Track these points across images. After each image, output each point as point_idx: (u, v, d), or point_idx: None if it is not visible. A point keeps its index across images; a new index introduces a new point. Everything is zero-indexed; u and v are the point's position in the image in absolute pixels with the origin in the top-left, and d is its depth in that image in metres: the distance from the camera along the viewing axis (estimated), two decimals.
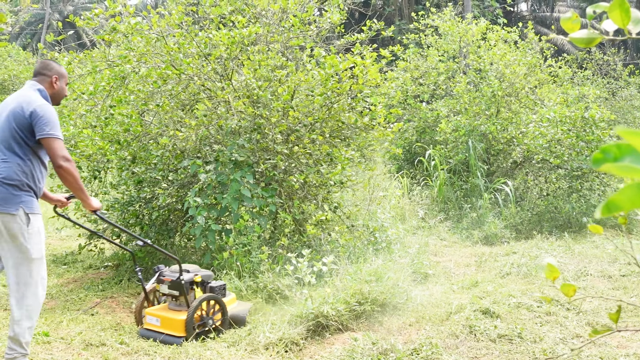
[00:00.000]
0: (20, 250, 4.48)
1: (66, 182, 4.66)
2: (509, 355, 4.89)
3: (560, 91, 14.87)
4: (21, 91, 4.80)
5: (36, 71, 4.93)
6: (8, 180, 4.47)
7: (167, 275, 5.69)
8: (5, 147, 4.55)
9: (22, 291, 4.49)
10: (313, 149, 7.64)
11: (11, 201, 4.44)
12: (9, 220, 4.44)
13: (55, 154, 4.56)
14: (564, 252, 8.72)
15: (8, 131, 4.56)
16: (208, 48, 7.51)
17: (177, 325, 5.45)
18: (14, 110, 4.59)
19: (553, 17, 33.88)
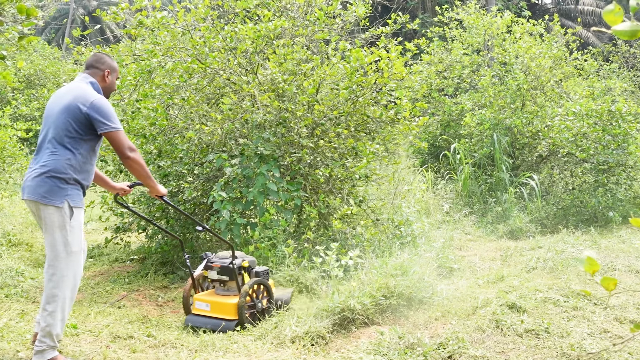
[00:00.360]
0: (60, 243, 4.55)
1: (134, 171, 4.77)
2: (536, 350, 4.86)
3: (586, 84, 14.75)
4: (73, 84, 4.84)
5: (88, 64, 4.97)
6: (55, 173, 4.53)
7: (216, 262, 5.82)
8: (56, 140, 4.60)
9: (57, 282, 4.55)
10: (338, 142, 7.63)
11: (57, 194, 4.51)
12: (53, 213, 4.51)
13: (121, 146, 4.66)
14: (590, 246, 8.65)
15: (62, 124, 4.61)
16: (234, 42, 7.52)
17: (229, 309, 5.59)
18: (68, 104, 4.63)
19: (577, 10, 33.54)
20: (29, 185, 4.57)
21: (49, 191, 4.50)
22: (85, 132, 4.64)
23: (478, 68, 15.10)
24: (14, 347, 4.91)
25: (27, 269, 7.52)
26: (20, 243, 8.56)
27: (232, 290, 5.80)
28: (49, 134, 4.66)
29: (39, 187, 4.52)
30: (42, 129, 4.77)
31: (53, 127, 4.63)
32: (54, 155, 4.57)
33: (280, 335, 5.15)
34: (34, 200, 4.54)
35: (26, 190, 4.59)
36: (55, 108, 4.70)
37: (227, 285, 5.82)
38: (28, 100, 16.27)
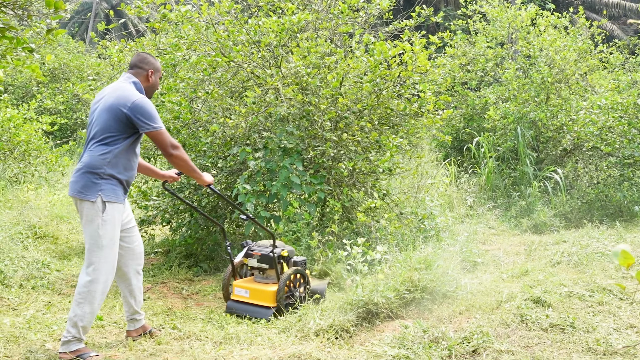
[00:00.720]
0: (93, 236, 4.66)
1: (180, 167, 4.94)
2: (562, 345, 4.83)
3: (612, 77, 14.61)
4: (117, 84, 4.95)
5: (132, 64, 5.07)
6: (90, 168, 4.66)
7: (256, 250, 6.01)
8: (95, 137, 4.73)
9: (89, 275, 4.65)
10: (361, 136, 7.62)
11: (91, 189, 4.64)
12: (87, 207, 4.64)
13: (164, 144, 4.78)
14: (615, 241, 8.57)
15: (103, 122, 4.73)
16: (257, 35, 7.52)
17: (268, 296, 5.78)
18: (111, 103, 4.74)
19: (602, 2, 33.19)
20: (70, 182, 4.75)
21: (84, 186, 4.64)
22: (125, 131, 4.75)
23: (502, 61, 15.01)
24: (41, 338, 4.97)
25: (53, 261, 7.60)
26: (45, 235, 8.64)
27: (271, 278, 5.98)
28: (91, 132, 4.79)
29: (77, 183, 4.67)
30: (87, 128, 4.92)
31: (95, 126, 4.77)
32: (91, 152, 4.71)
33: (304, 328, 5.16)
34: (73, 195, 4.70)
35: (69, 187, 4.77)
36: (98, 107, 4.83)
37: (266, 273, 6.00)
38: (53, 94, 16.38)
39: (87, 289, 4.62)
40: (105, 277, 4.70)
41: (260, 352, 4.66)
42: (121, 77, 5.04)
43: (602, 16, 22.97)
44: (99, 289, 4.66)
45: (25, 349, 4.71)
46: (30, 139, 11.30)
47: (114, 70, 8.75)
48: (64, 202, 10.86)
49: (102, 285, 4.68)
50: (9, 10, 4.82)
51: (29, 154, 11.57)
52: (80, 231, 9.61)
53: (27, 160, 11.68)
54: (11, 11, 4.84)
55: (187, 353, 4.78)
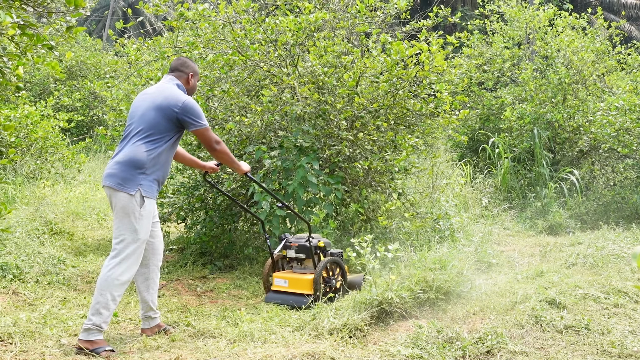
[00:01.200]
0: (129, 229, 4.78)
1: (223, 160, 5.27)
2: (576, 347, 4.82)
3: (630, 79, 14.51)
4: (162, 85, 5.17)
5: (174, 67, 5.32)
6: (133, 162, 4.82)
7: (293, 241, 6.32)
8: (140, 133, 4.90)
9: (116, 265, 4.77)
10: (377, 135, 7.62)
11: (131, 182, 4.78)
12: (125, 199, 4.77)
13: (210, 140, 5.07)
14: (631, 243, 8.52)
15: (151, 120, 4.92)
16: (274, 34, 7.54)
17: (305, 283, 6.04)
18: (159, 102, 4.95)
19: (620, 3, 33.00)
20: (107, 173, 4.87)
21: (124, 179, 4.77)
22: (172, 130, 4.97)
23: (519, 62, 14.95)
24: (57, 334, 5.00)
25: (69, 257, 7.65)
26: (61, 232, 8.69)
27: (309, 268, 6.27)
28: (135, 129, 4.95)
29: (116, 174, 4.80)
30: (128, 125, 5.07)
31: (140, 122, 4.94)
32: (134, 146, 4.86)
33: (318, 327, 5.16)
34: (109, 186, 4.82)
35: (105, 178, 4.89)
36: (143, 105, 5.02)
37: (304, 264, 6.32)
38: (70, 91, 16.47)
39: (113, 277, 4.74)
40: (132, 269, 4.84)
41: (274, 350, 4.67)
42: (163, 78, 5.27)
43: (621, 17, 22.85)
44: (123, 279, 4.78)
45: (40, 344, 4.74)
46: (47, 135, 11.36)
47: (132, 69, 8.78)
48: (80, 199, 10.92)
49: (127, 276, 4.81)
50: (29, 8, 4.86)
51: (45, 150, 11.64)
52: (96, 228, 9.67)
53: (44, 156, 11.75)
54: (31, 8, 4.87)
55: (201, 350, 4.80)
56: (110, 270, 4.75)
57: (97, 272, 7.17)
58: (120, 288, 4.78)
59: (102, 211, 10.50)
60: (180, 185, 8.13)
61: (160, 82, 5.26)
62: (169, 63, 8.04)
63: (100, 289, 4.72)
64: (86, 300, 6.03)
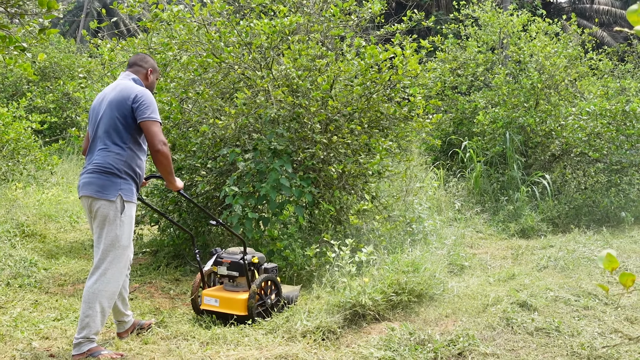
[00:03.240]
0: (112, 237, 4.66)
1: (160, 165, 4.83)
2: (547, 349, 4.87)
3: (601, 84, 14.69)
4: (118, 81, 5.01)
5: (132, 62, 5.18)
6: (107, 168, 4.68)
7: (225, 257, 5.83)
8: (106, 136, 4.75)
9: (101, 276, 4.64)
10: (351, 138, 7.65)
11: (110, 188, 4.66)
12: (105, 207, 4.64)
13: (154, 137, 4.74)
14: (601, 246, 8.63)
15: (109, 120, 4.77)
16: (249, 37, 7.54)
17: (239, 304, 5.58)
18: (114, 98, 4.81)
19: (593, 9, 33.36)
20: (83, 183, 4.73)
21: (102, 186, 4.65)
22: (131, 126, 4.78)
23: (492, 66, 15.06)
24: (28, 337, 4.97)
25: (41, 259, 7.60)
26: (33, 234, 8.64)
27: (242, 286, 5.78)
28: (97, 132, 4.82)
29: (93, 183, 4.67)
30: (90, 128, 4.94)
31: (101, 124, 4.80)
32: (104, 151, 4.72)
33: (291, 330, 5.18)
34: (88, 195, 4.68)
35: (81, 188, 4.75)
36: (101, 105, 4.88)
37: (237, 281, 5.80)
38: (43, 92, 16.34)
39: (100, 289, 4.61)
40: (119, 278, 4.72)
41: (247, 353, 4.68)
42: (121, 75, 5.11)
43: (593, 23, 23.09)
44: (111, 288, 4.67)
45: (11, 347, 4.71)
46: (20, 137, 11.26)
47: (105, 69, 8.74)
48: (53, 201, 10.85)
49: (115, 286, 4.69)
50: (1, 9, 4.83)
51: (17, 152, 11.54)
52: (69, 230, 9.60)
53: (16, 158, 11.64)
54: (3, 9, 4.84)
55: (173, 353, 4.79)
56: (96, 282, 4.61)
57: (69, 275, 7.14)
58: (110, 299, 4.66)
59: (75, 213, 10.43)
60: (153, 188, 8.09)
61: (118, 79, 5.08)
62: None
63: (88, 302, 4.57)
64: (58, 303, 5.99)
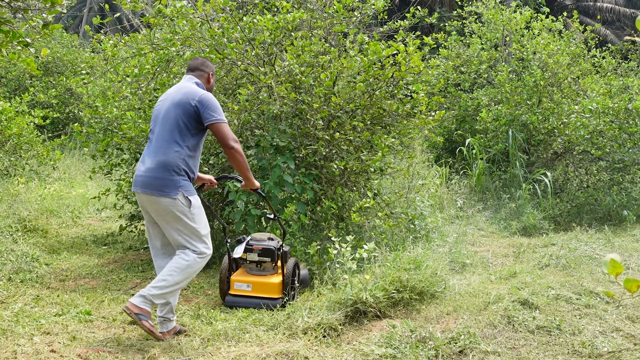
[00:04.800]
0: (190, 229, 4.94)
1: (236, 161, 5.12)
2: (548, 347, 4.87)
3: (604, 82, 14.65)
4: (181, 84, 5.23)
5: (194, 67, 5.37)
6: (168, 166, 4.87)
7: (255, 244, 6.12)
8: (167, 135, 4.95)
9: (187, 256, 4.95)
10: (354, 135, 7.63)
11: (171, 186, 4.85)
12: (169, 204, 4.85)
13: (226, 136, 5.01)
14: (603, 245, 8.61)
15: (173, 120, 4.96)
16: (252, 33, 7.53)
17: (273, 288, 5.97)
18: (179, 100, 5.00)
19: (596, 7, 33.31)
20: (143, 181, 4.92)
21: (164, 184, 4.84)
22: (194, 127, 4.99)
23: (495, 64, 15.02)
24: (29, 332, 4.98)
25: (42, 254, 7.60)
26: (35, 229, 8.64)
27: (268, 270, 6.16)
28: (159, 130, 5.01)
29: (154, 180, 4.86)
30: (153, 127, 5.12)
31: (163, 124, 5.00)
32: (165, 149, 4.91)
33: (292, 326, 5.18)
34: (149, 193, 4.87)
35: (140, 184, 4.94)
36: (164, 106, 5.07)
37: (263, 266, 6.14)
38: (45, 87, 16.35)
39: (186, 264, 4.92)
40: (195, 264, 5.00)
41: (248, 349, 4.68)
42: (183, 78, 5.33)
43: (596, 21, 23.04)
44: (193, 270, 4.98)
45: (12, 342, 4.72)
46: (22, 132, 11.29)
47: (108, 65, 8.73)
48: (55, 196, 10.85)
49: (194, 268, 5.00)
50: (4, 3, 4.82)
51: (20, 147, 11.56)
52: (70, 225, 9.61)
53: (18, 153, 11.67)
54: (7, 4, 4.83)
55: (174, 349, 4.80)
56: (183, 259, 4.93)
57: (70, 270, 7.15)
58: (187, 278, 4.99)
59: (77, 209, 10.44)
60: None
61: (181, 82, 5.29)
62: (145, 60, 8.02)
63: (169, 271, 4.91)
64: (59, 299, 5.99)
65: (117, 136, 8.11)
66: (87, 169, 13.33)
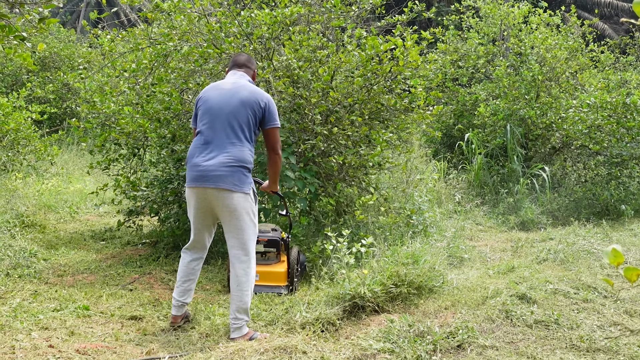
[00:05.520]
0: (250, 226, 5.01)
1: (276, 166, 5.24)
2: (546, 341, 4.87)
3: (602, 76, 14.65)
4: (237, 80, 5.21)
5: (242, 63, 5.37)
6: (243, 163, 4.93)
7: (261, 235, 6.26)
8: (239, 131, 4.98)
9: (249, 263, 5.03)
10: (352, 130, 7.63)
11: (245, 182, 4.92)
12: (241, 199, 4.91)
13: (278, 142, 5.14)
14: (601, 239, 8.62)
15: (244, 117, 4.99)
16: (250, 27, 7.52)
17: (280, 276, 6.24)
18: (246, 98, 5.01)
19: (594, 1, 33.24)
20: (214, 175, 4.87)
21: (239, 180, 4.88)
22: (256, 126, 5.07)
23: (493, 58, 15.01)
24: (27, 327, 4.98)
25: (40, 250, 7.60)
26: (33, 224, 8.63)
27: (272, 259, 6.42)
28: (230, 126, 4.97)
29: (229, 176, 4.86)
30: (213, 120, 5.03)
31: (231, 119, 4.97)
32: (238, 146, 4.94)
33: (290, 321, 5.19)
34: (222, 188, 4.86)
35: (211, 179, 4.87)
36: (227, 100, 5.03)
37: (267, 255, 6.43)
38: (43, 82, 16.31)
39: (248, 277, 4.99)
40: (255, 260, 5.13)
41: (246, 344, 4.68)
42: (235, 74, 5.27)
43: (594, 15, 23.04)
44: (253, 274, 5.07)
45: (10, 337, 4.72)
46: (20, 127, 11.26)
47: (106, 60, 8.71)
48: (52, 192, 10.84)
49: (254, 270, 5.12)
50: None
51: (17, 142, 11.54)
52: (68, 220, 9.61)
53: (16, 148, 11.65)
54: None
55: (173, 344, 4.80)
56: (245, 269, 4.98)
57: (68, 266, 7.14)
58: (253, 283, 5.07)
59: (75, 204, 10.44)
60: (153, 179, 8.07)
61: (233, 77, 5.24)
62: (143, 55, 8.00)
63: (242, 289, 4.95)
64: (57, 294, 5.99)
65: (114, 131, 8.10)
66: (85, 164, 13.32)
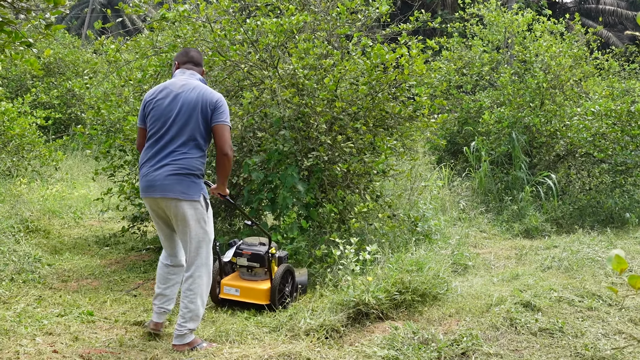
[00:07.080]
0: (201, 234, 4.87)
1: (224, 168, 4.97)
2: (550, 349, 4.87)
3: (606, 84, 14.64)
4: (190, 81, 5.04)
5: (196, 61, 5.21)
6: (192, 170, 4.81)
7: (246, 249, 6.06)
8: (188, 138, 4.85)
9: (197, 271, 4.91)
10: (356, 137, 7.63)
11: (194, 189, 4.80)
12: (191, 207, 4.81)
13: (226, 141, 4.88)
14: (606, 247, 8.60)
15: (193, 123, 4.85)
16: (255, 35, 7.53)
17: (260, 294, 5.88)
18: (196, 102, 4.87)
19: (598, 10, 33.30)
20: (162, 184, 4.79)
21: (187, 187, 4.77)
22: (208, 130, 4.91)
23: (497, 66, 15.02)
24: (32, 332, 4.99)
25: (45, 255, 7.61)
26: (37, 230, 8.64)
27: (260, 275, 6.06)
28: (173, 131, 4.85)
29: (176, 184, 4.76)
30: (162, 125, 4.91)
31: (179, 124, 4.84)
32: (187, 153, 4.82)
33: (294, 328, 5.19)
34: (172, 197, 4.78)
35: (158, 189, 4.80)
36: (177, 106, 4.88)
37: (254, 270, 6.04)
38: (47, 88, 16.34)
39: (197, 284, 4.88)
40: (210, 267, 4.98)
41: (250, 351, 4.68)
42: (185, 73, 5.11)
43: (598, 23, 23.04)
44: (206, 281, 4.94)
45: (15, 342, 4.73)
46: (24, 132, 11.29)
47: (111, 69, 8.73)
48: (57, 197, 10.86)
49: (208, 277, 4.98)
50: (6, 4, 4.82)
51: (22, 147, 11.56)
52: (73, 226, 9.61)
53: (21, 154, 11.68)
54: (9, 5, 4.84)
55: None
56: (192, 277, 4.88)
57: (73, 271, 7.15)
58: (207, 291, 4.97)
59: (79, 209, 10.45)
60: None
61: (182, 76, 5.06)
62: (148, 63, 8.02)
63: (189, 298, 4.85)
64: (61, 299, 6.00)
65: (119, 138, 8.12)
66: (90, 170, 13.35)
